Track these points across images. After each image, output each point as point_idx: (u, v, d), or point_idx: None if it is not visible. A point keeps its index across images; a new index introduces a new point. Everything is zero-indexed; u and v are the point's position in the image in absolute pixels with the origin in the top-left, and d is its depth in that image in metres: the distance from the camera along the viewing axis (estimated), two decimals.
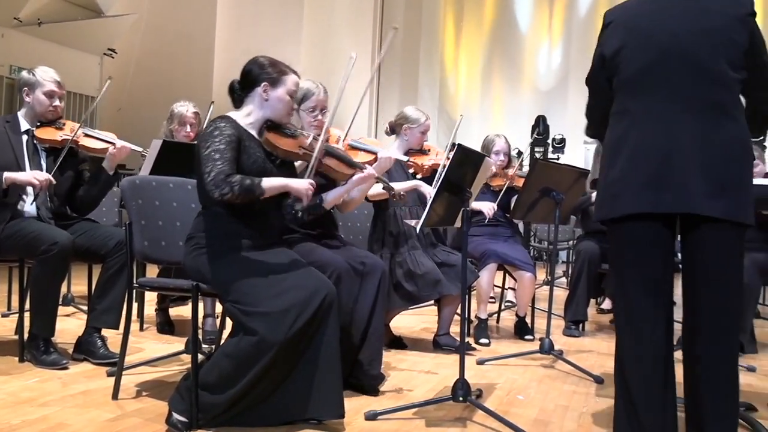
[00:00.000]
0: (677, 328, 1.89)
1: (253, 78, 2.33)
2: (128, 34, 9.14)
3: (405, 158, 2.69)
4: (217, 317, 3.34)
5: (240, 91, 2.37)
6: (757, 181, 3.02)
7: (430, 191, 3.12)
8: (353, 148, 2.86)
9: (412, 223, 3.08)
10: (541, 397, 2.73)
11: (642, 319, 1.86)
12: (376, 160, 2.73)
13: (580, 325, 4.19)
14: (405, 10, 11.08)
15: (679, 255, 1.96)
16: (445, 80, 11.46)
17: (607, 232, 1.98)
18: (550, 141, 9.97)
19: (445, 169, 2.27)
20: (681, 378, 1.87)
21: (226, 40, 9.00)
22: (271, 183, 2.19)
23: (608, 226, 1.93)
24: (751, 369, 3.33)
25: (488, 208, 3.79)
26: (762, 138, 8.65)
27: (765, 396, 2.85)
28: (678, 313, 1.92)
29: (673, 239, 1.89)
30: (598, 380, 2.98)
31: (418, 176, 3.48)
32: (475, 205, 3.74)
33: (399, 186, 3.28)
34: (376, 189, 3.14)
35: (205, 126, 2.37)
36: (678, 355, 1.90)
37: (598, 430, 2.36)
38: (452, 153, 2.29)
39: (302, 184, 2.22)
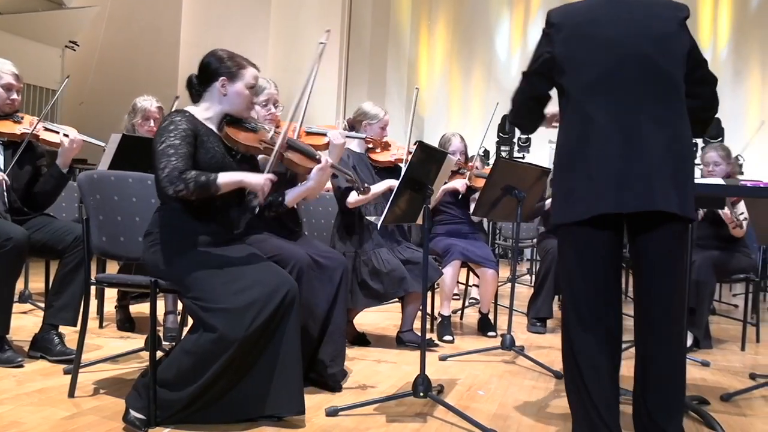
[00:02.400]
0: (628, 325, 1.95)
1: (211, 72, 2.31)
2: (91, 26, 8.95)
3: (343, 160, 2.75)
4: (179, 314, 3.30)
5: (198, 86, 2.34)
6: (711, 180, 3.11)
7: None
8: (309, 133, 2.91)
9: (372, 219, 3.10)
10: (501, 393, 2.76)
11: (595, 319, 1.91)
12: (327, 145, 2.78)
13: (545, 322, 4.25)
14: (373, 6, 11.07)
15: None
16: (413, 79, 11.49)
17: (560, 235, 2.00)
18: (515, 140, 10.09)
19: (407, 166, 2.29)
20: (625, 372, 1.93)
21: (192, 35, 8.89)
22: (227, 178, 2.16)
23: (564, 230, 1.96)
24: (705, 364, 3.42)
25: (461, 184, 3.83)
26: (719, 140, 8.85)
27: (718, 390, 2.93)
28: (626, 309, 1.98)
29: (622, 244, 1.96)
30: (558, 375, 3.03)
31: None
32: (448, 185, 3.81)
33: (374, 189, 3.30)
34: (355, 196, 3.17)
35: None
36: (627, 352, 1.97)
37: (555, 423, 2.40)
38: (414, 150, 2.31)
39: (258, 179, 2.19)
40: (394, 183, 3.27)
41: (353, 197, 3.29)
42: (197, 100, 2.36)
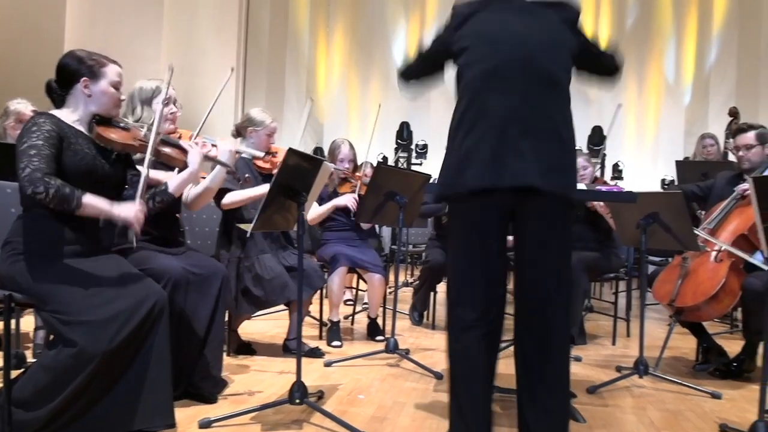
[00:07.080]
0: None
1: (70, 74, 2.21)
2: None
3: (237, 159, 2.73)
4: None
5: (60, 90, 2.24)
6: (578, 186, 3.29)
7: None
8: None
9: (242, 226, 3.07)
10: (381, 395, 2.81)
11: (475, 295, 2.02)
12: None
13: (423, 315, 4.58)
14: (271, 10, 10.96)
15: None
16: (312, 85, 11.47)
17: (450, 207, 2.10)
18: (413, 147, 10.29)
19: (277, 172, 2.29)
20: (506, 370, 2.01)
21: (78, 34, 8.44)
22: (93, 201, 2.06)
23: (452, 201, 2.07)
24: (577, 359, 3.62)
25: (351, 201, 3.90)
26: (601, 147, 9.34)
27: (586, 383, 3.10)
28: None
29: (507, 224, 2.05)
30: (438, 376, 3.12)
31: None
32: (339, 200, 3.93)
33: (250, 192, 3.27)
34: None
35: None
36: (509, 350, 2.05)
37: (430, 422, 2.47)
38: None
39: (129, 211, 2.11)
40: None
41: (227, 198, 3.23)
42: (60, 105, 2.26)
